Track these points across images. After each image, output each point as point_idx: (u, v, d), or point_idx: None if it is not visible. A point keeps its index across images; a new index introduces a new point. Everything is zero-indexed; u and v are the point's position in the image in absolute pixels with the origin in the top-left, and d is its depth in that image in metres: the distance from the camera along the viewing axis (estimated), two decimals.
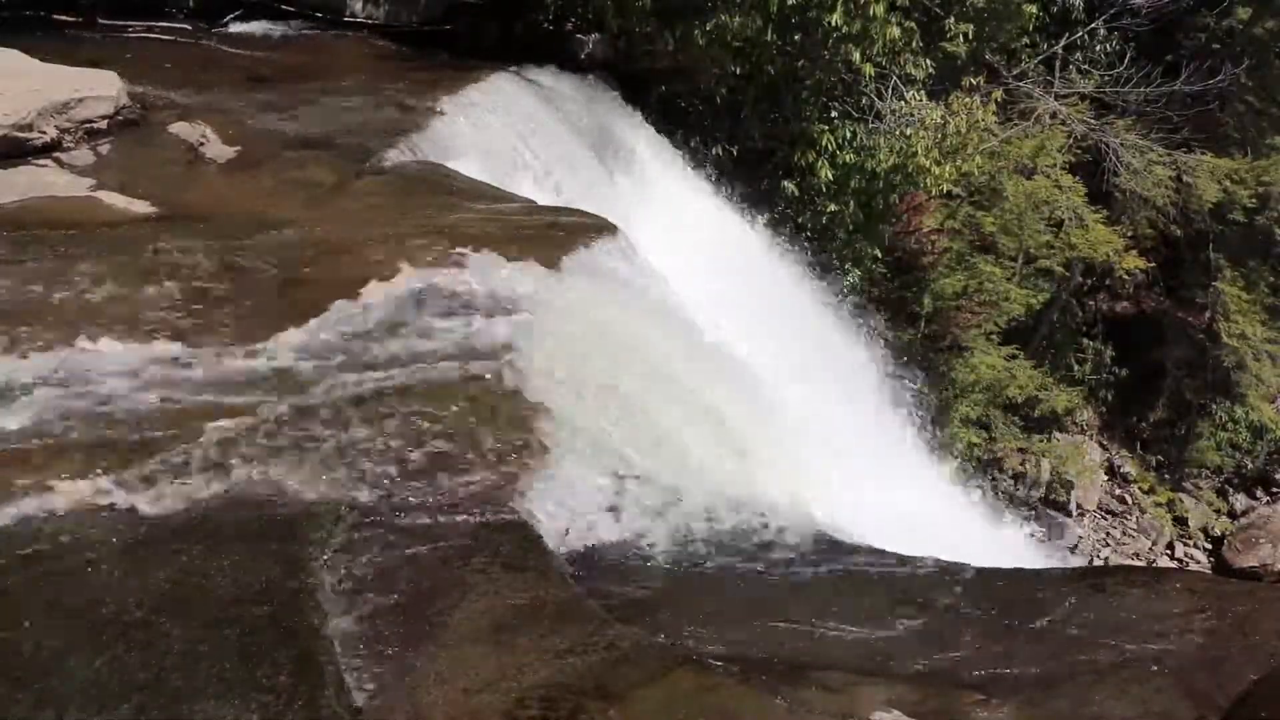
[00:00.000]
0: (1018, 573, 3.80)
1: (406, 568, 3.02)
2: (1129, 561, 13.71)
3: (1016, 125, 11.65)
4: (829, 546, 3.67)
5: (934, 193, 10.53)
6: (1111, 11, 12.51)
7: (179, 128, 5.93)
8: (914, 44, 9.70)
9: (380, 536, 3.12)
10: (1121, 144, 12.11)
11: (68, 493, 3.12)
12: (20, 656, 2.57)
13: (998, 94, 10.67)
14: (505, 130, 7.33)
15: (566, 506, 3.53)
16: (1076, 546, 13.45)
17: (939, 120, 9.43)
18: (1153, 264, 13.80)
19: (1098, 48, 12.92)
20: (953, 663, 2.91)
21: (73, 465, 3.22)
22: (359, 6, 9.31)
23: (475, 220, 5.09)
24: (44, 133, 5.45)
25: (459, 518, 3.26)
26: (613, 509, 3.64)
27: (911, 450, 9.48)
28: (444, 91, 7.32)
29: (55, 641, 2.62)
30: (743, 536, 3.66)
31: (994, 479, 13.09)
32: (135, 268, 4.30)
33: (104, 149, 5.70)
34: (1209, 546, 14.53)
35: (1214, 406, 14.91)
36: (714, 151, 10.11)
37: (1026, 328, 13.54)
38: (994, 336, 12.94)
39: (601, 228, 5.06)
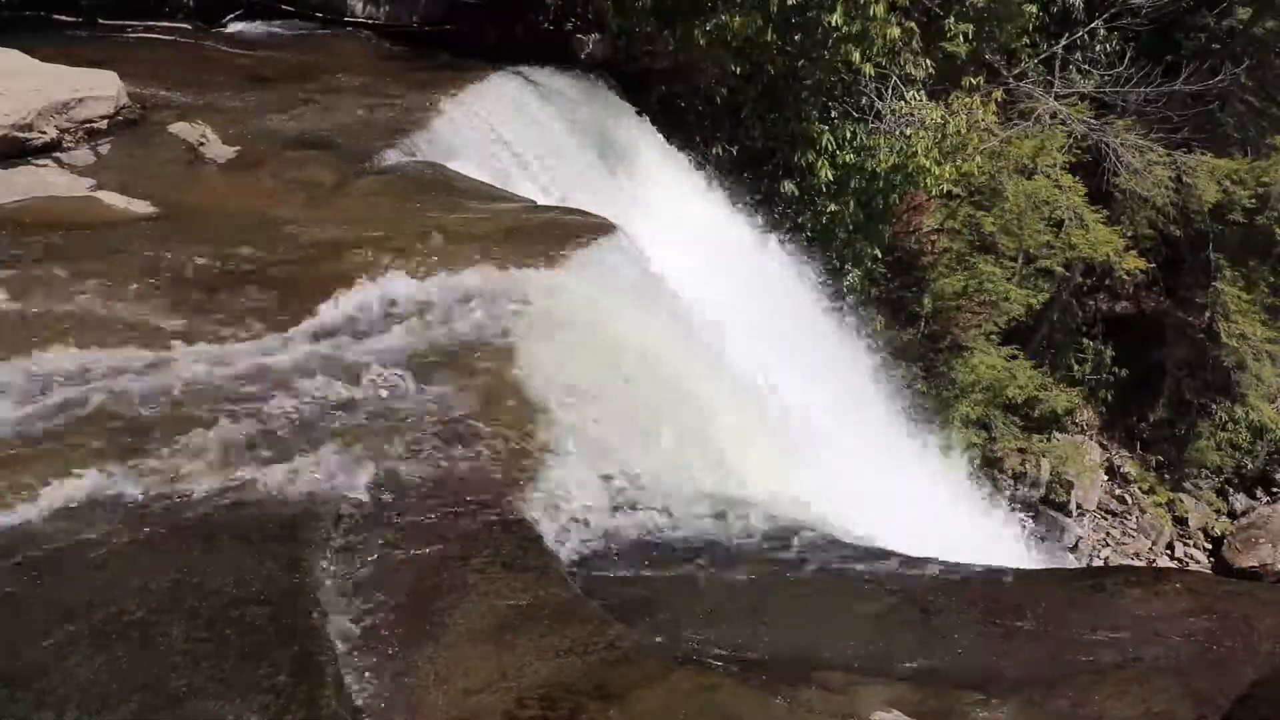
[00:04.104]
0: (1018, 573, 3.80)
1: (406, 568, 3.01)
2: (1129, 561, 13.70)
3: (1016, 125, 11.64)
4: (829, 546, 3.66)
5: (934, 193, 10.53)
6: (1111, 11, 12.50)
7: (179, 128, 5.93)
8: (914, 44, 9.70)
9: (380, 536, 3.12)
10: (1121, 144, 12.11)
11: (69, 492, 3.12)
12: (20, 656, 2.57)
13: (998, 94, 10.68)
14: (506, 130, 7.33)
15: (566, 506, 3.53)
16: (1076, 546, 13.45)
17: (939, 120, 9.44)
18: (1153, 264, 13.78)
19: (1098, 48, 12.91)
20: (953, 663, 2.91)
21: (74, 465, 3.22)
22: (360, 7, 9.31)
23: (475, 220, 5.09)
24: (44, 133, 5.46)
25: (459, 518, 3.25)
26: (612, 509, 3.64)
27: (910, 449, 9.48)
28: (444, 91, 7.32)
29: (55, 641, 2.62)
30: (743, 537, 3.65)
31: (994, 479, 13.08)
32: (129, 267, 4.30)
33: (104, 149, 5.70)
34: (1209, 546, 14.52)
35: (1214, 406, 14.89)
36: (714, 151, 10.11)
37: (1026, 328, 13.53)
38: (994, 336, 12.94)
39: (601, 227, 5.07)
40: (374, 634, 2.77)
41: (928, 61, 9.83)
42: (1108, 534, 14.21)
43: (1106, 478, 14.89)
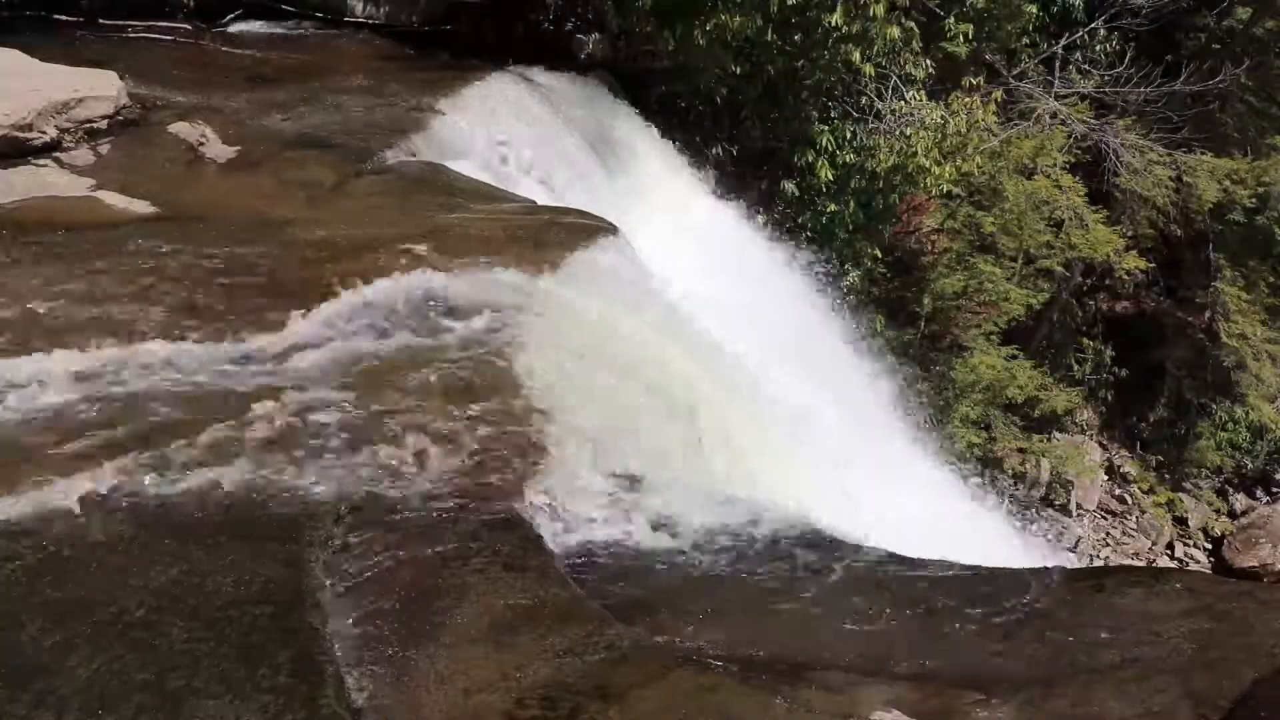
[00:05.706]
0: (1018, 573, 3.80)
1: (406, 568, 3.02)
2: (1129, 561, 13.70)
3: (1016, 125, 11.64)
4: (828, 546, 3.66)
5: (934, 193, 10.53)
6: (1111, 11, 12.50)
7: (179, 128, 5.92)
8: (914, 44, 9.71)
9: (380, 536, 3.12)
10: (1121, 144, 12.10)
11: (70, 492, 3.12)
12: (20, 656, 2.57)
13: (998, 94, 10.68)
14: (505, 130, 7.32)
15: (566, 506, 3.53)
16: (1076, 546, 13.45)
17: (939, 120, 9.44)
18: (1153, 264, 13.79)
19: (1098, 48, 12.91)
20: (953, 663, 2.91)
21: (74, 465, 3.22)
22: (360, 6, 9.31)
23: (475, 220, 5.09)
24: (44, 133, 5.45)
25: (459, 518, 3.25)
26: (612, 509, 3.64)
27: (909, 448, 9.48)
28: (444, 91, 7.31)
29: (55, 641, 2.62)
30: (742, 536, 3.65)
31: (994, 479, 13.09)
32: (130, 267, 4.30)
33: (104, 149, 5.70)
34: (1209, 546, 14.52)
35: (1214, 406, 14.90)
36: (714, 151, 10.11)
37: (1026, 328, 13.54)
38: (994, 336, 12.94)
39: (601, 228, 5.07)
40: (374, 634, 2.77)
41: (928, 61, 9.84)
42: (1108, 534, 14.21)
43: (1106, 478, 14.89)
